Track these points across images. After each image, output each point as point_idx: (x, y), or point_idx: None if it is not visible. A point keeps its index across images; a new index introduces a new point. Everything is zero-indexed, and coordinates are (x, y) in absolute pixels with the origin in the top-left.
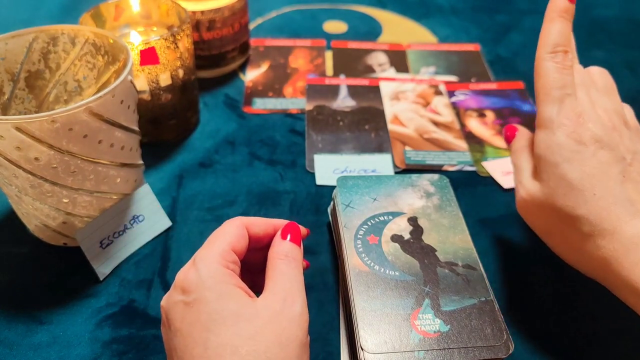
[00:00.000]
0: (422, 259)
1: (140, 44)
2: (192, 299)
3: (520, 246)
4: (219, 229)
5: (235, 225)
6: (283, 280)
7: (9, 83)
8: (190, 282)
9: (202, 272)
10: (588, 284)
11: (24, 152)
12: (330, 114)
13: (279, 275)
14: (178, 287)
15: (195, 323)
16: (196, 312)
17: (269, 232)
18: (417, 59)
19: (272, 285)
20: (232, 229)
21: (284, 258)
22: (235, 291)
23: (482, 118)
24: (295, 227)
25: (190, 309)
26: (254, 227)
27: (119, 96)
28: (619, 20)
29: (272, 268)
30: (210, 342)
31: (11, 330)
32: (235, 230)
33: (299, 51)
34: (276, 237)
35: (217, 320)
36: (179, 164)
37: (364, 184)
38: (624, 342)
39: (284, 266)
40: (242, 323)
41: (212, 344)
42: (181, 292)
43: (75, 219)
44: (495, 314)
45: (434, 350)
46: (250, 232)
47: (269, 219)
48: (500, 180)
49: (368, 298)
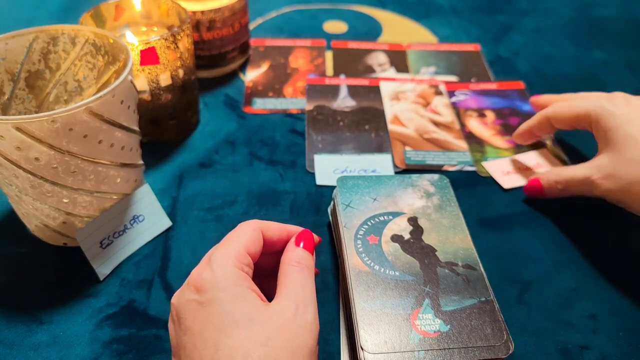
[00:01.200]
0: (422, 259)
1: (141, 44)
2: (205, 298)
3: (520, 246)
4: (235, 230)
5: (251, 228)
6: (295, 287)
7: (9, 83)
8: (204, 282)
9: (217, 273)
10: (588, 284)
11: (24, 152)
12: (330, 114)
13: (292, 282)
14: (192, 286)
15: (207, 323)
16: (209, 312)
17: (282, 238)
18: (417, 59)
19: (285, 292)
20: (248, 232)
21: (297, 265)
22: (249, 294)
23: (482, 118)
24: (309, 234)
25: (203, 308)
26: (269, 232)
27: (119, 96)
28: (618, 20)
29: (284, 274)
30: (222, 343)
31: (11, 330)
32: (252, 234)
33: (299, 51)
34: (290, 243)
35: (229, 323)
36: (179, 164)
37: (364, 184)
38: (624, 342)
39: (296, 273)
40: (255, 327)
41: (223, 345)
42: (195, 290)
43: (76, 219)
44: (495, 314)
45: (434, 350)
46: (265, 237)
47: (283, 224)
48: (500, 180)
49: (368, 298)
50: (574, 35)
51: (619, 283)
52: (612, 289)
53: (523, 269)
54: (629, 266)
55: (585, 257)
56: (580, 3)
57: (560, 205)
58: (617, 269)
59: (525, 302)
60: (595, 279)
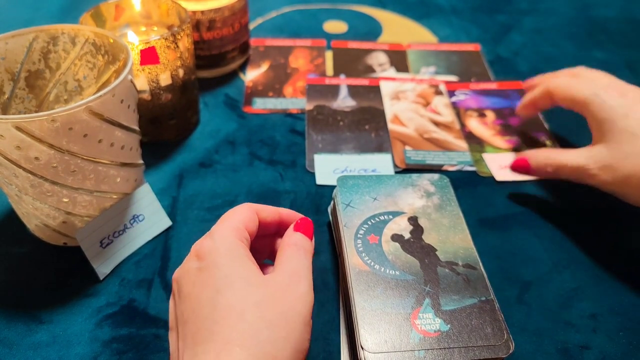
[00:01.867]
0: (423, 258)
1: (141, 44)
2: (204, 264)
3: (521, 245)
4: (231, 210)
5: (246, 208)
6: (291, 263)
7: (9, 82)
8: (204, 249)
9: (217, 241)
10: (588, 283)
11: (24, 151)
12: (330, 114)
13: (287, 258)
14: (192, 255)
15: (205, 285)
16: (207, 275)
17: (275, 220)
18: (417, 58)
19: (280, 267)
20: (245, 210)
21: (294, 246)
22: (246, 260)
23: (482, 118)
24: (307, 222)
25: (201, 273)
26: (262, 213)
27: (119, 96)
28: (618, 20)
29: (281, 253)
30: (218, 303)
31: (11, 330)
32: (247, 213)
33: (299, 51)
34: (289, 229)
35: (226, 283)
36: (179, 164)
37: (364, 183)
38: (624, 342)
39: (293, 252)
40: (251, 288)
41: (219, 305)
42: (195, 258)
43: (76, 218)
44: (495, 314)
45: (434, 349)
46: (259, 217)
47: (275, 207)
48: (495, 174)
49: (368, 297)
50: (574, 36)
51: (619, 283)
52: (612, 289)
53: (523, 269)
54: (629, 266)
55: (585, 257)
56: (580, 3)
57: (561, 206)
58: (617, 269)
59: (526, 302)
60: (595, 279)
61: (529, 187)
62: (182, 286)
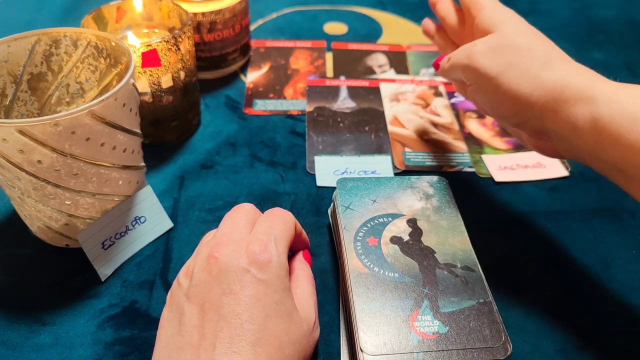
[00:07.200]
0: (421, 260)
1: (142, 46)
2: (262, 277)
3: (519, 247)
4: (287, 213)
5: (293, 223)
6: (310, 304)
7: (12, 85)
8: (266, 261)
9: (280, 259)
10: (588, 285)
11: (27, 154)
12: (330, 116)
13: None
14: (250, 256)
15: (257, 302)
16: (262, 293)
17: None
18: (417, 60)
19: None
20: (293, 227)
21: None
22: (290, 292)
23: (481, 119)
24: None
25: (258, 286)
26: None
27: (121, 99)
28: (618, 21)
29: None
30: (266, 327)
31: (14, 332)
32: (293, 230)
33: (299, 52)
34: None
35: (277, 311)
36: (181, 166)
37: (363, 185)
38: (624, 342)
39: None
40: (292, 325)
41: (267, 329)
42: (251, 263)
43: (78, 220)
44: (493, 316)
45: (432, 351)
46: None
47: None
48: (494, 174)
49: (367, 300)
50: (573, 36)
51: (619, 283)
52: (611, 289)
53: (521, 270)
54: (628, 266)
55: (584, 257)
56: (579, 4)
57: (559, 206)
58: (616, 269)
59: (524, 304)
60: (594, 279)
61: (528, 188)
62: (229, 279)
